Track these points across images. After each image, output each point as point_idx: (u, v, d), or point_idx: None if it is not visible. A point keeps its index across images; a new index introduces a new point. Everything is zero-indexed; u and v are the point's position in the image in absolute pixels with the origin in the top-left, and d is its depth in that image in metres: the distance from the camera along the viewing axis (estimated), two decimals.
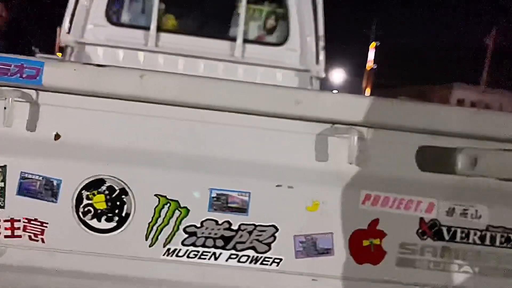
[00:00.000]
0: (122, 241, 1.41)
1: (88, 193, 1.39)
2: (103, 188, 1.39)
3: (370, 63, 34.32)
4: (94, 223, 1.40)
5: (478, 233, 1.47)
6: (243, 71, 3.94)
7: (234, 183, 1.42)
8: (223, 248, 1.43)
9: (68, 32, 3.67)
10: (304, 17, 3.90)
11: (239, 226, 1.42)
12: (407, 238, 1.46)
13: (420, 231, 1.46)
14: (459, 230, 1.47)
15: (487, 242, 1.47)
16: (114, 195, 1.39)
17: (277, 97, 1.43)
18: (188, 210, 1.41)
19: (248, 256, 1.44)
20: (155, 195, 1.40)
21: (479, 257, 1.48)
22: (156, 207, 1.40)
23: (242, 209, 1.42)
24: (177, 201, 1.41)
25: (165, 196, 1.40)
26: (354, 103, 1.47)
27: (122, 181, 1.39)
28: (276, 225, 1.43)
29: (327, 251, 1.45)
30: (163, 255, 1.42)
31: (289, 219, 1.44)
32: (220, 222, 1.42)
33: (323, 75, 3.95)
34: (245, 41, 3.92)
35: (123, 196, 1.40)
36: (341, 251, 1.45)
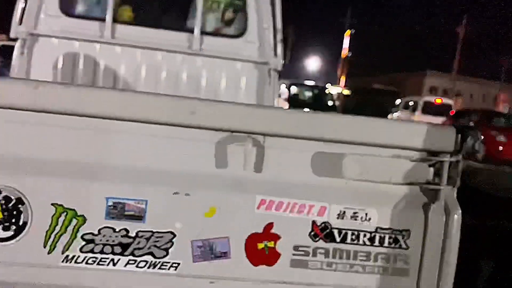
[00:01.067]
0: (20, 249, 1.44)
1: None
2: None
3: (345, 51, 34.53)
4: None
5: (368, 235, 1.55)
6: (202, 63, 3.95)
7: (131, 191, 1.46)
8: (121, 254, 1.47)
9: (20, 23, 3.58)
10: (262, 10, 3.91)
11: (137, 233, 1.47)
12: (300, 240, 1.52)
13: (312, 233, 1.53)
14: (349, 232, 1.54)
15: (377, 243, 1.55)
16: (10, 205, 1.42)
17: (171, 107, 1.47)
18: (85, 219, 1.44)
19: (146, 262, 1.48)
20: (52, 204, 1.43)
21: (369, 257, 1.56)
22: (53, 215, 1.43)
23: (139, 217, 1.46)
24: (74, 210, 1.44)
25: (61, 205, 1.43)
26: (251, 113, 1.51)
27: (18, 191, 1.42)
28: (174, 231, 1.48)
29: (224, 255, 1.51)
30: (62, 261, 1.46)
31: (186, 225, 1.49)
32: (117, 230, 1.46)
33: (281, 67, 3.99)
34: (203, 33, 3.92)
35: (19, 206, 1.42)
36: (237, 254, 1.51)
